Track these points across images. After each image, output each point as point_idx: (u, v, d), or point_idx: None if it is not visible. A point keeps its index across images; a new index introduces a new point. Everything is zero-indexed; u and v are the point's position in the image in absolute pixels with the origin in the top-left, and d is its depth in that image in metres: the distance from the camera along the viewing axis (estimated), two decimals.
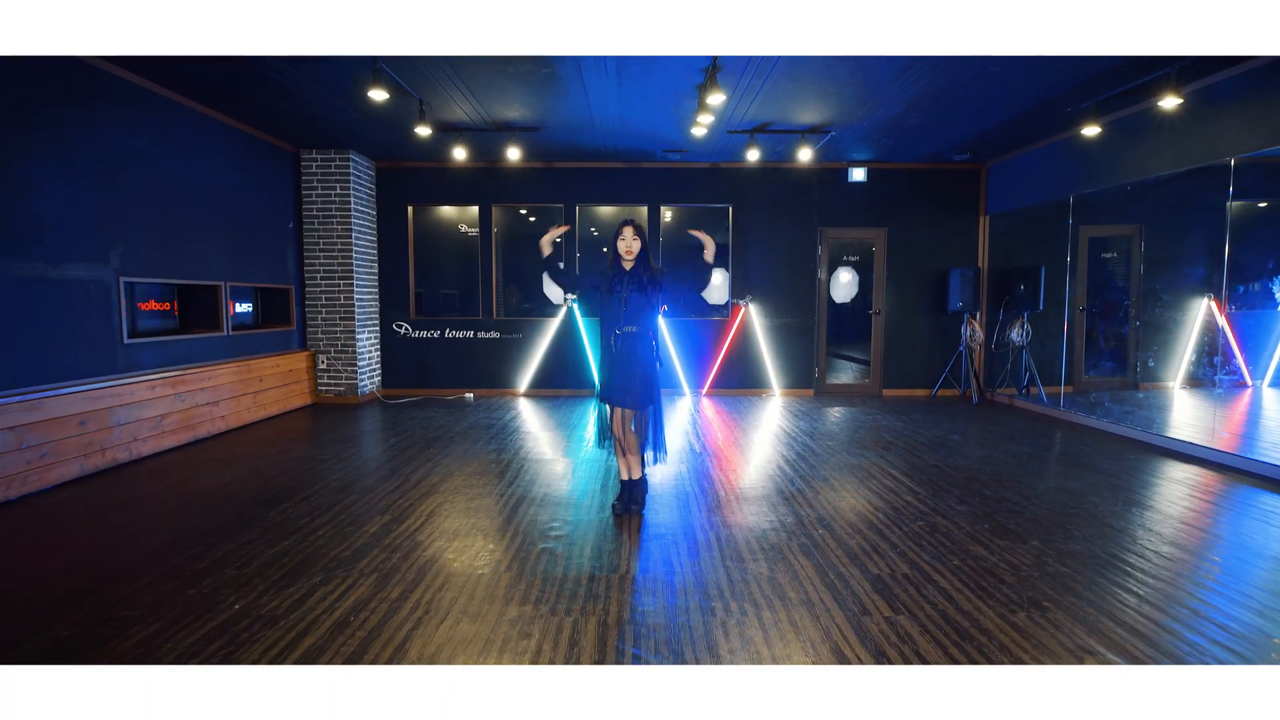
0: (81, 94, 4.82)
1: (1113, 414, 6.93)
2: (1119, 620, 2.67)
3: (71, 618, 2.64)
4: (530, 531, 3.65)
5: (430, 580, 3.01)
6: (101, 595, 2.84)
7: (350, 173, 7.79)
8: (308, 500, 4.16)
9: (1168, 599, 2.85)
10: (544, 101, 6.03)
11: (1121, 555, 3.32)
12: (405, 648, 2.44)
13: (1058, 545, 3.46)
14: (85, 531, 3.65)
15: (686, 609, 2.75)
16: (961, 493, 4.39)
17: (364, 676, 1.93)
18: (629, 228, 3.76)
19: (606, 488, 4.50)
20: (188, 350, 5.95)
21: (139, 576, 3.03)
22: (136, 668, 2.26)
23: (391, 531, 3.63)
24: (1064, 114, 6.28)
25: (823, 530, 3.69)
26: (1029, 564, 3.22)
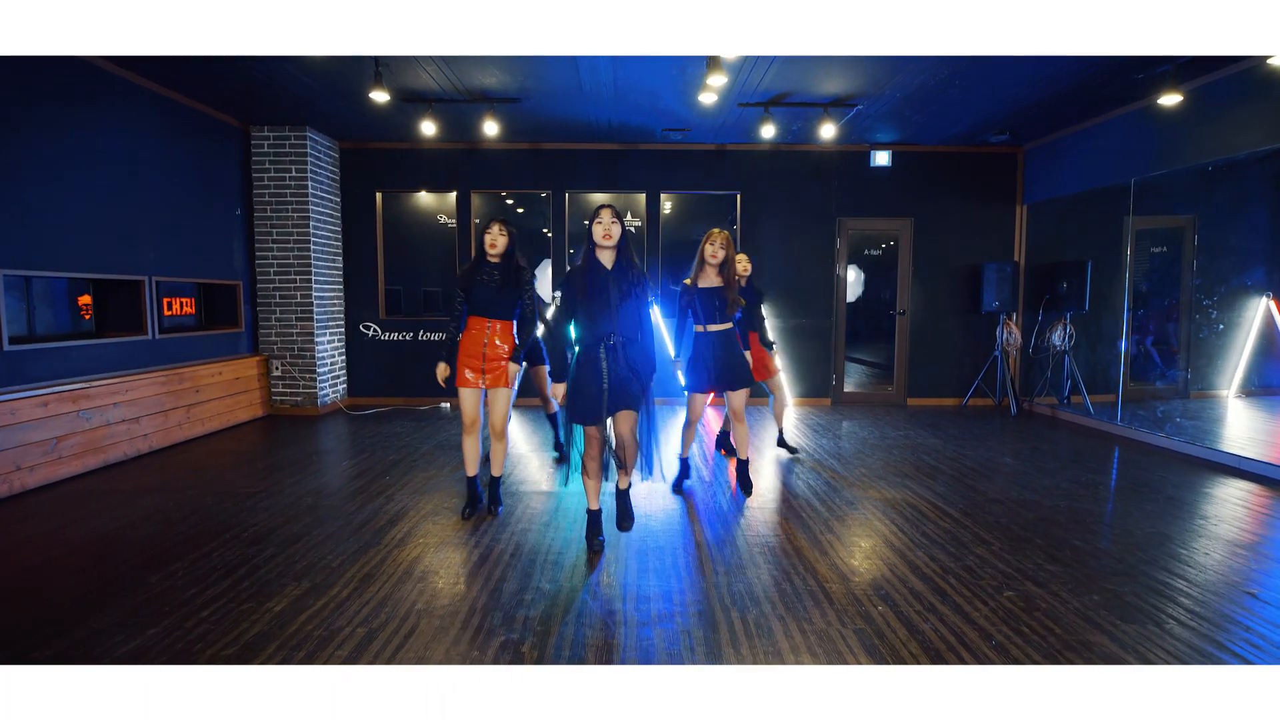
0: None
1: (1185, 431, 6.01)
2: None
3: None
4: (490, 611, 2.71)
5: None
6: None
7: (308, 152, 6.82)
8: (208, 558, 3.21)
9: None
10: (526, 65, 5.09)
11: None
12: None
13: (1206, 632, 2.54)
14: None
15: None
16: (1045, 542, 3.46)
17: (360, 676, 1.97)
18: (607, 210, 3.25)
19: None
20: (98, 357, 4.99)
21: None
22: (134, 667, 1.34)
23: (304, 610, 2.69)
24: (1131, 81, 5.36)
25: (882, 606, 2.76)
26: (1172, 657, 2.30)
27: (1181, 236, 7.69)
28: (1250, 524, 3.76)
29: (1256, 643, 2.46)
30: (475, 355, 3.74)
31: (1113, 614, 2.69)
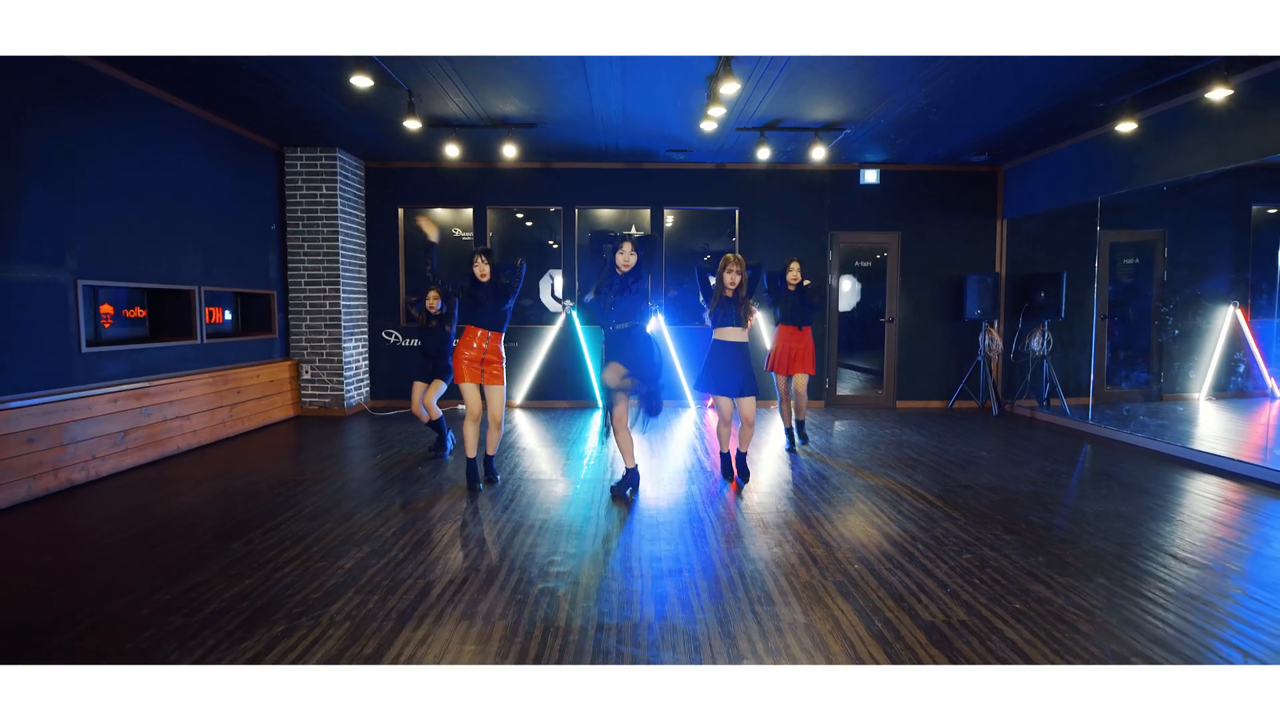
0: (39, 82, 4.39)
1: (1148, 428, 6.52)
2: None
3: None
4: (528, 567, 3.21)
5: (411, 632, 2.57)
6: (22, 652, 2.39)
7: (337, 172, 7.37)
8: (277, 529, 3.71)
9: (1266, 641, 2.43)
10: (543, 95, 5.63)
11: (1206, 597, 2.90)
12: None
13: (1128, 583, 3.04)
14: (18, 569, 3.20)
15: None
16: (1005, 519, 3.96)
17: (364, 676, 1.95)
18: (628, 244, 4.18)
19: (611, 513, 4.06)
20: (157, 359, 5.50)
21: (70, 626, 2.58)
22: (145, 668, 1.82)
23: (369, 567, 3.19)
24: (1094, 110, 5.91)
25: (859, 565, 3.26)
26: (1102, 607, 2.80)
27: (1152, 249, 8.23)
28: (1193, 505, 4.27)
29: (1169, 592, 2.96)
30: (475, 361, 4.50)
31: (1052, 570, 3.18)
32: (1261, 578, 3.11)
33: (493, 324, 4.52)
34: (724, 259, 4.58)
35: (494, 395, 4.55)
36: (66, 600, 2.81)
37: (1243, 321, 7.90)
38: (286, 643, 2.47)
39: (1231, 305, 7.95)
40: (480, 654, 2.41)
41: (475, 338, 4.49)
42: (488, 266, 4.52)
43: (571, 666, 2.33)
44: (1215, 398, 8.06)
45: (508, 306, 4.56)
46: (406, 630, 2.57)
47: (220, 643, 2.47)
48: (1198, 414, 7.83)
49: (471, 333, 4.50)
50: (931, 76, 5.12)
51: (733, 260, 4.55)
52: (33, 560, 3.28)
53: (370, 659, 2.37)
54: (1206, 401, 8.08)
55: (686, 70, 5.02)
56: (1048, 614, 2.74)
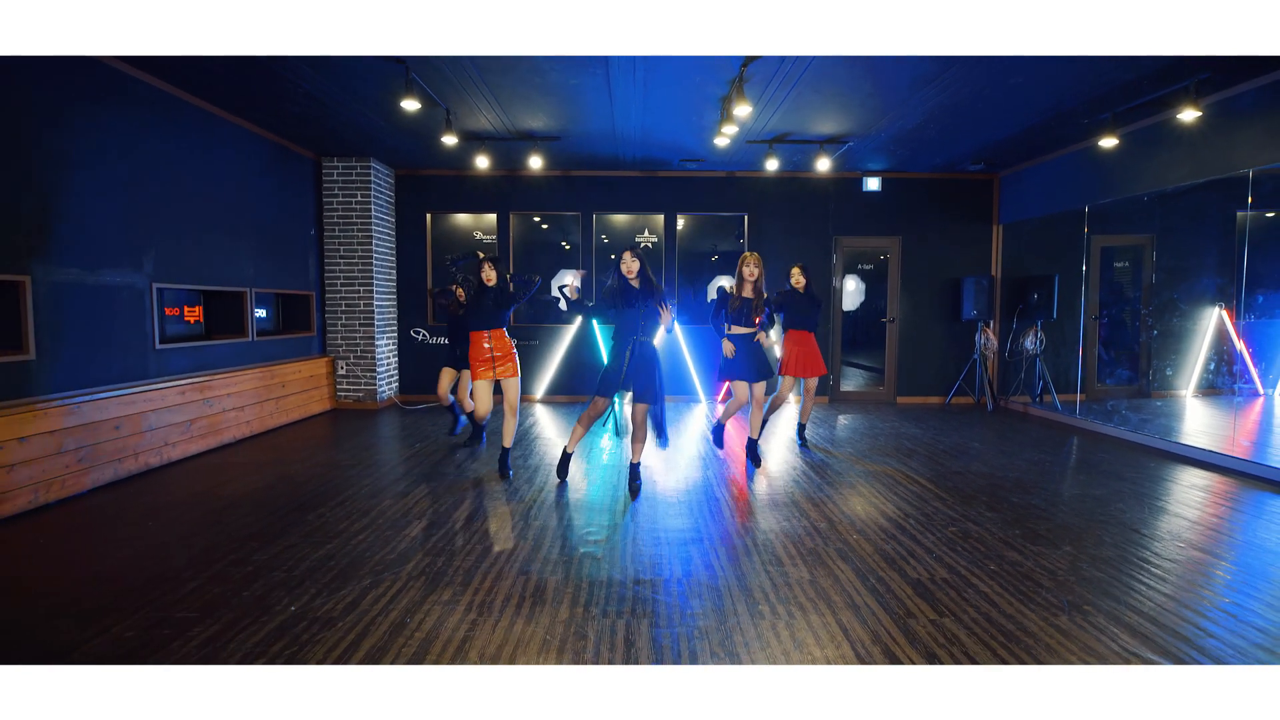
0: (112, 99, 4.88)
1: (1130, 422, 6.98)
2: (1160, 624, 2.71)
3: (129, 620, 2.68)
4: (569, 536, 3.69)
5: (479, 583, 3.05)
6: (153, 597, 2.88)
7: (371, 180, 7.86)
8: (343, 505, 4.20)
9: (1203, 602, 2.89)
10: (569, 111, 6.11)
11: (1153, 560, 3.37)
12: (465, 649, 2.48)
13: (1090, 550, 3.50)
14: (125, 535, 3.69)
15: (735, 612, 2.80)
16: (989, 499, 4.43)
17: (406, 677, 1.95)
18: (628, 252, 4.44)
19: (636, 494, 4.54)
20: (214, 356, 6.00)
21: (187, 580, 3.07)
22: (200, 667, 2.31)
23: (432, 536, 3.67)
24: (1080, 125, 6.36)
25: (857, 535, 3.73)
26: (1064, 568, 3.26)
27: (1141, 253, 8.67)
28: (1162, 490, 4.72)
29: (1124, 558, 3.42)
30: (485, 361, 4.93)
31: (1025, 540, 3.65)
32: (1208, 547, 3.57)
33: (493, 323, 4.93)
34: (743, 256, 5.12)
35: (509, 387, 4.95)
36: (174, 561, 3.30)
37: (1228, 322, 8.34)
38: (375, 591, 2.96)
39: (1217, 307, 8.39)
40: (539, 600, 2.89)
41: (482, 339, 4.91)
42: (494, 273, 4.94)
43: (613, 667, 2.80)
44: (1201, 395, 8.50)
45: (506, 314, 4.97)
46: (475, 582, 3.06)
47: (321, 591, 2.96)
48: (1182, 410, 8.26)
49: (478, 337, 4.92)
50: (930, 95, 5.57)
51: (750, 256, 5.09)
52: (134, 530, 3.78)
53: (448, 604, 2.85)
54: (1193, 398, 8.52)
55: (703, 91, 5.48)
56: (1017, 574, 3.20)
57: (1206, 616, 2.78)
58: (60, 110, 4.41)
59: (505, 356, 4.95)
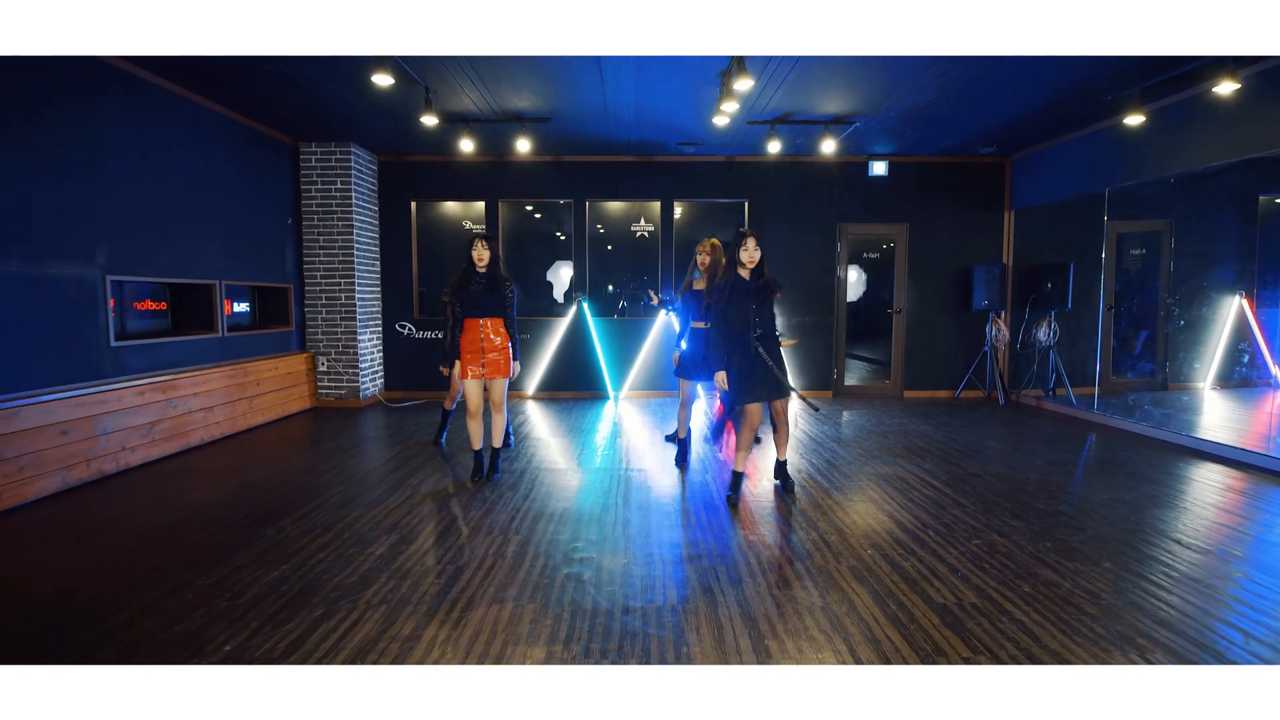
0: (59, 76, 4.49)
1: (1153, 417, 6.61)
2: (1230, 661, 2.35)
3: (36, 661, 2.32)
4: (552, 554, 3.33)
5: (445, 614, 2.69)
6: (71, 636, 2.52)
7: (351, 166, 7.46)
8: (307, 517, 3.84)
9: (1270, 623, 2.53)
10: (557, 90, 5.71)
11: (1204, 579, 3.01)
12: None
13: (1133, 567, 3.14)
14: (62, 554, 3.33)
15: (738, 649, 2.43)
16: (1012, 506, 4.07)
17: (372, 677, 1.96)
18: (752, 239, 4.04)
19: (628, 502, 4.17)
20: (180, 353, 5.62)
21: (117, 611, 2.71)
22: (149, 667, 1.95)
23: (400, 554, 3.31)
24: (1103, 102, 5.95)
25: (872, 550, 3.37)
26: (1108, 590, 2.90)
27: (1159, 239, 8.28)
28: (1196, 492, 4.36)
29: (1173, 576, 3.06)
30: (475, 351, 4.46)
31: (1059, 555, 3.29)
32: (1263, 562, 3.21)
33: (491, 312, 4.46)
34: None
35: (496, 386, 4.53)
36: (109, 587, 2.94)
37: (1248, 311, 7.96)
38: (327, 625, 2.60)
39: (1237, 295, 8.01)
40: (512, 636, 2.53)
41: (478, 326, 4.44)
42: (487, 253, 4.44)
43: (594, 667, 2.44)
44: (1220, 387, 8.14)
45: (504, 304, 4.49)
46: (440, 613, 2.69)
47: (265, 624, 2.59)
48: (1202, 403, 7.91)
49: (473, 324, 4.45)
50: (942, 71, 5.18)
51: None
52: (71, 549, 3.41)
53: (408, 640, 2.49)
54: (1211, 391, 8.16)
55: (700, 66, 5.09)
56: (1056, 597, 2.84)
57: None
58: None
59: (499, 350, 4.48)
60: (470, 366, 4.48)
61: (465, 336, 4.51)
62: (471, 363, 4.48)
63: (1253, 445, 5.32)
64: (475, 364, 4.48)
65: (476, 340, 4.48)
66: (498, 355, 4.50)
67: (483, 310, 4.47)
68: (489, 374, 4.51)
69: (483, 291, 4.47)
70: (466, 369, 4.49)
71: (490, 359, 4.49)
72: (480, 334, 4.47)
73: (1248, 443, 5.44)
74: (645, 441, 5.89)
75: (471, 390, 4.53)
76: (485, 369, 4.49)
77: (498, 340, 4.51)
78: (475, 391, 4.54)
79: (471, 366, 4.48)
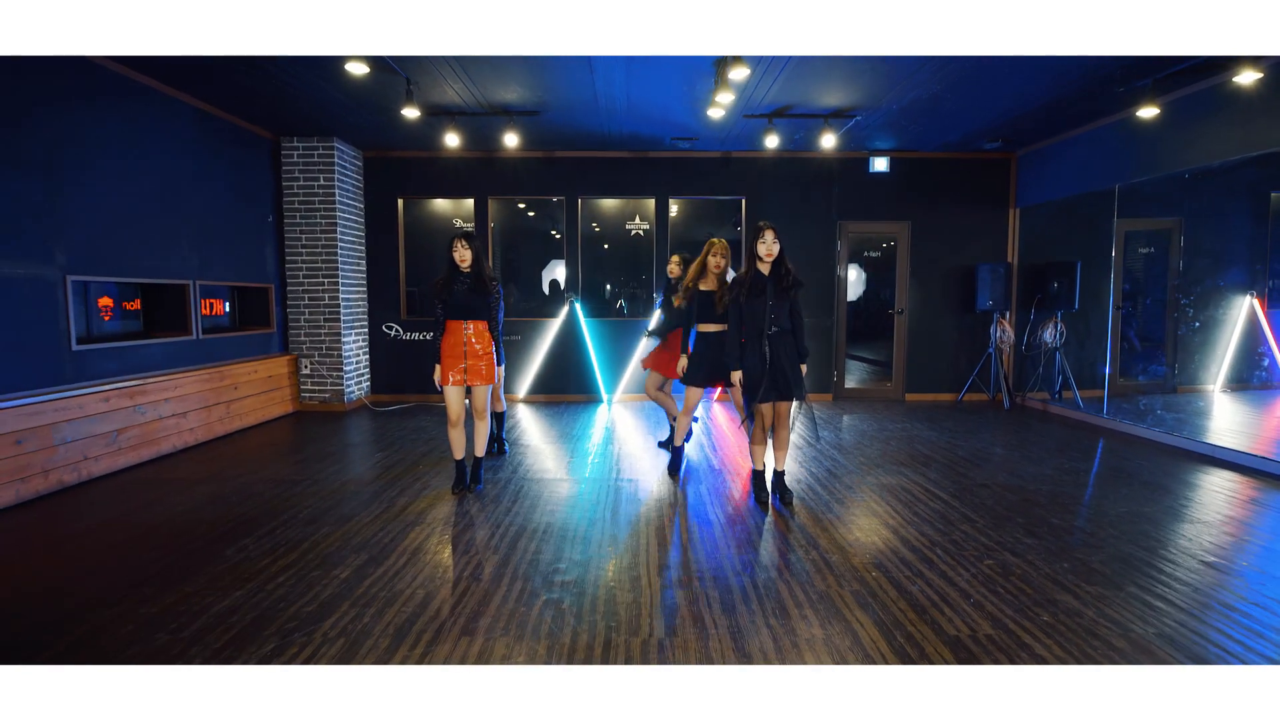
0: (19, 68, 4.23)
1: (1165, 422, 6.37)
2: None
3: None
4: (531, 575, 3.08)
5: (407, 650, 2.44)
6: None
7: (335, 162, 7.20)
8: (272, 534, 3.59)
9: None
10: (546, 82, 5.46)
11: (1243, 608, 2.76)
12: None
13: (1161, 592, 2.90)
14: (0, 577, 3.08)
15: None
16: (1025, 520, 3.82)
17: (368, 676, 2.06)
18: (770, 231, 3.85)
19: (616, 517, 3.93)
20: (151, 356, 5.37)
21: (48, 645, 2.46)
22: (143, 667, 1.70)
23: (367, 577, 3.06)
24: (1115, 94, 5.71)
25: (876, 572, 3.12)
26: (1135, 620, 2.66)
27: (1168, 238, 8.03)
28: (1218, 505, 4.12)
29: (1204, 602, 2.82)
30: (457, 356, 4.21)
31: (1079, 578, 3.05)
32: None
33: (474, 314, 4.21)
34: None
35: (477, 393, 4.30)
36: (43, 615, 2.69)
37: (1260, 311, 7.72)
38: (278, 662, 2.35)
39: (1249, 295, 7.77)
40: None
41: (461, 328, 4.20)
42: (469, 252, 4.17)
43: None
44: (1230, 390, 7.90)
45: (489, 307, 4.25)
46: (403, 648, 2.44)
47: (207, 662, 2.34)
48: (1213, 406, 7.68)
49: (456, 326, 4.20)
50: (945, 62, 4.93)
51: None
52: (17, 568, 3.16)
53: None
54: (1221, 394, 7.92)
55: (695, 57, 4.83)
56: (1079, 628, 2.60)
57: None
58: None
59: (481, 356, 4.24)
60: (451, 372, 4.23)
61: (446, 339, 4.26)
62: (452, 367, 4.23)
63: (1267, 451, 5.08)
64: (456, 369, 4.23)
65: (458, 344, 4.24)
66: (479, 361, 4.25)
67: (466, 312, 4.22)
68: (470, 379, 4.25)
69: (467, 292, 4.22)
70: (447, 374, 4.24)
71: (472, 364, 4.24)
72: (462, 337, 4.23)
73: (1260, 449, 5.20)
74: (638, 448, 5.65)
75: (452, 397, 4.27)
76: (466, 374, 4.24)
77: (480, 345, 4.27)
78: (455, 398, 4.28)
79: (452, 372, 4.23)
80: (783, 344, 3.91)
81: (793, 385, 3.89)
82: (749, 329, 3.92)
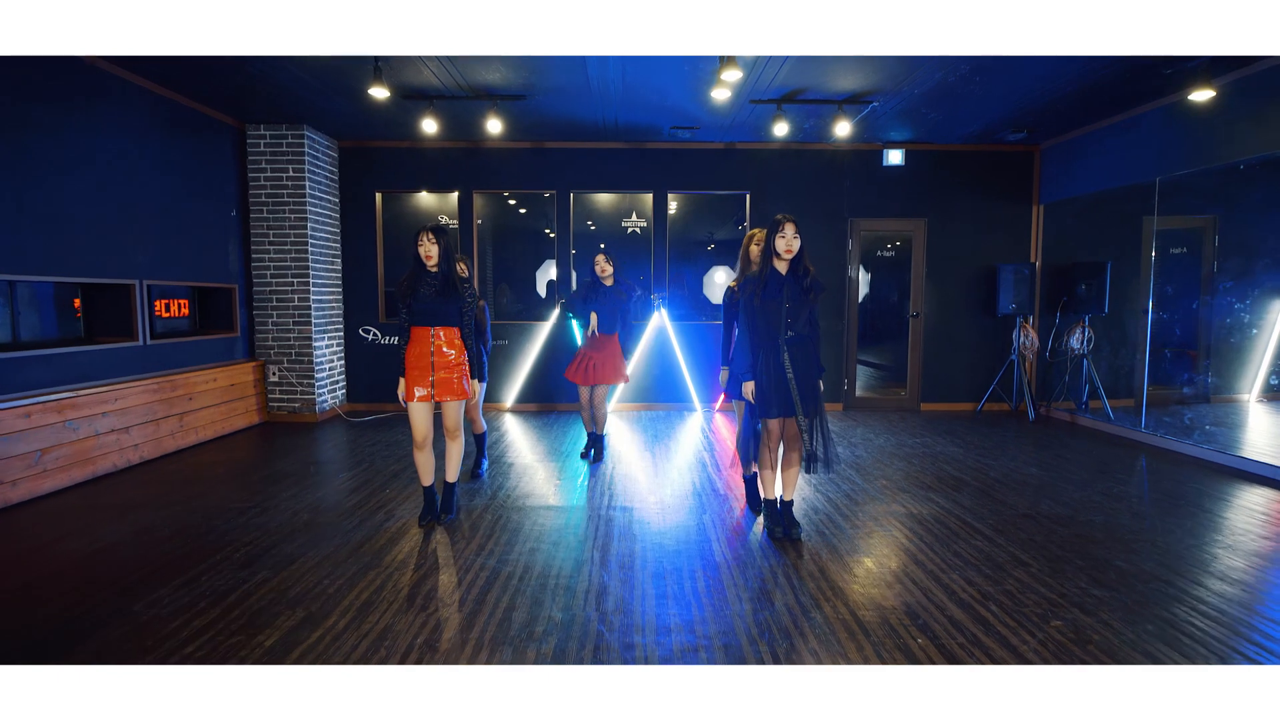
0: None
1: (1216, 438, 5.81)
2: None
3: None
4: (499, 644, 2.51)
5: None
6: None
7: (305, 152, 6.63)
8: (196, 582, 3.01)
9: None
10: (533, 62, 4.90)
11: None
12: None
13: None
14: None
15: None
16: (1085, 563, 3.26)
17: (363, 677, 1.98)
18: (791, 225, 3.33)
19: (608, 557, 3.36)
20: (87, 364, 4.79)
21: None
22: None
23: (297, 644, 2.49)
24: (1159, 76, 5.16)
25: (924, 639, 2.56)
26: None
27: (1201, 237, 7.49)
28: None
29: None
30: (423, 368, 3.66)
31: (1170, 646, 2.48)
32: None
33: (443, 319, 3.67)
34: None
35: (448, 411, 3.77)
36: None
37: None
38: None
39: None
40: None
41: (427, 337, 3.65)
42: (435, 248, 3.62)
43: None
44: (1266, 399, 7.36)
45: (460, 310, 3.70)
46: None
47: None
48: (1249, 418, 7.15)
49: (421, 334, 3.66)
50: None
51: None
52: None
53: None
54: (1256, 403, 7.38)
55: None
56: None
57: None
58: None
59: (452, 367, 3.69)
60: (416, 386, 3.66)
61: (412, 349, 3.69)
62: (418, 381, 3.66)
63: None
64: (422, 382, 3.66)
65: (425, 354, 3.67)
66: (449, 373, 3.68)
67: (433, 318, 3.66)
68: (439, 394, 3.69)
69: (434, 295, 3.65)
70: (412, 388, 3.67)
71: (440, 377, 3.67)
72: (430, 346, 3.66)
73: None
74: (636, 469, 5.08)
75: (417, 415, 3.70)
76: (435, 389, 3.67)
77: (451, 354, 3.70)
78: (421, 416, 3.71)
79: (418, 386, 3.66)
80: (798, 353, 3.40)
81: (807, 400, 3.39)
82: (761, 334, 3.42)
